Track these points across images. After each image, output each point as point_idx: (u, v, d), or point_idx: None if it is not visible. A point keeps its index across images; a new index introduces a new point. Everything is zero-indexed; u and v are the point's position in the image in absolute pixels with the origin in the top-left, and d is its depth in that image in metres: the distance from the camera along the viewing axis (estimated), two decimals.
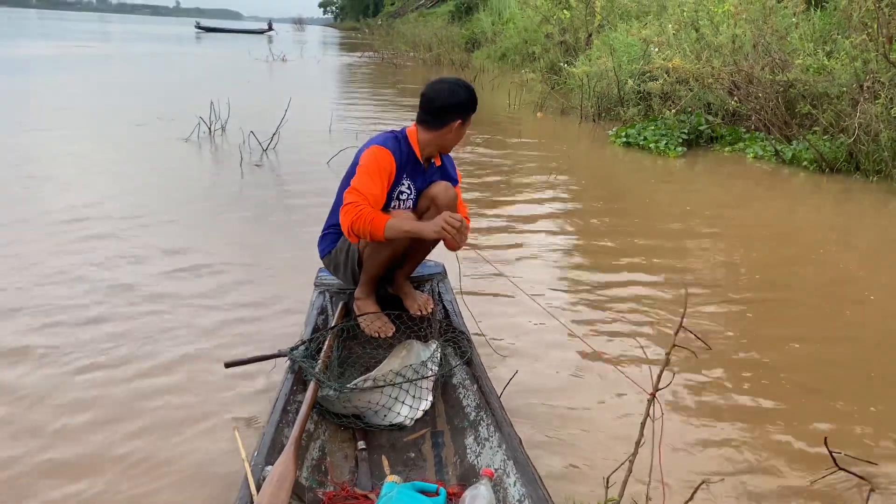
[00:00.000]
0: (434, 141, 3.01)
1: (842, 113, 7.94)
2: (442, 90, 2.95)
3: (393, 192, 2.97)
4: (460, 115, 2.96)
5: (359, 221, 2.66)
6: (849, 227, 6.39)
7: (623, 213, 6.40)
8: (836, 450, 2.58)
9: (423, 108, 2.99)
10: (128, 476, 2.50)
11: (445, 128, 2.97)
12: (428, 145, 3.02)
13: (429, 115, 2.97)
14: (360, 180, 2.78)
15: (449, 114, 2.95)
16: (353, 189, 2.74)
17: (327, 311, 3.23)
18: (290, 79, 19.11)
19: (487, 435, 2.41)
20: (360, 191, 2.73)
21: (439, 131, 2.98)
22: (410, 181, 3.02)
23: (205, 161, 7.95)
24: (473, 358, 2.81)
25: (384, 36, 41.42)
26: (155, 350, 3.43)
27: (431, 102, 2.96)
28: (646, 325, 3.92)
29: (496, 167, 8.03)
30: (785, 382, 3.36)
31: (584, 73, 12.12)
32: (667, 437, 2.84)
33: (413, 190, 3.04)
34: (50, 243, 4.81)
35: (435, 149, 3.05)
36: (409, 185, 3.02)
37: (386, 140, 2.95)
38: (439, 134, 2.98)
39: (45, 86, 13.87)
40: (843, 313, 4.32)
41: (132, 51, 27.24)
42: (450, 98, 2.94)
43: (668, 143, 9.20)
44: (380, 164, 2.85)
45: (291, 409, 2.45)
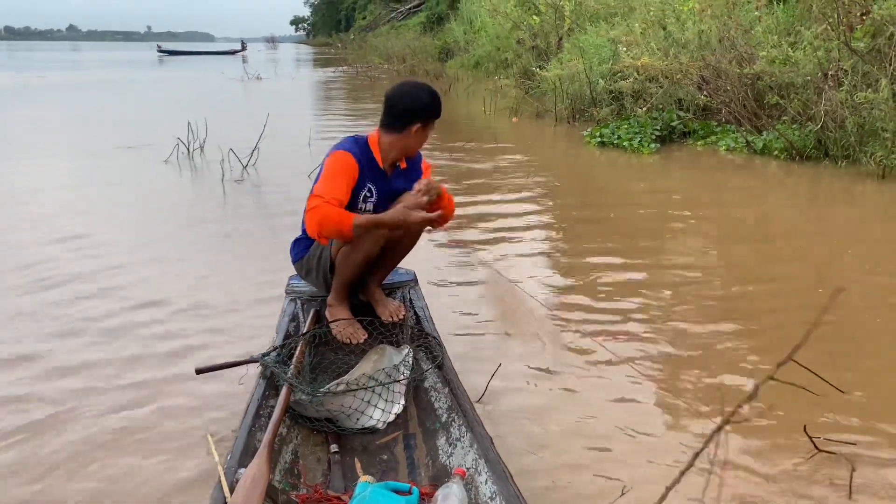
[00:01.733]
0: (396, 144, 3.04)
1: (808, 102, 8.06)
2: (404, 94, 2.99)
3: (358, 195, 2.99)
4: (421, 119, 2.99)
5: (325, 221, 2.65)
6: (821, 212, 6.50)
7: (601, 211, 6.45)
8: (816, 434, 2.64)
9: (386, 111, 3.02)
10: (100, 480, 2.52)
11: (406, 131, 2.99)
12: (390, 148, 3.05)
13: (391, 119, 3.01)
14: (323, 184, 2.79)
15: (410, 117, 2.98)
16: (316, 194, 2.74)
17: (299, 318, 3.24)
18: (265, 97, 19.12)
19: (459, 435, 2.43)
20: (322, 195, 2.73)
21: (400, 134, 3.01)
22: (372, 184, 3.04)
23: (185, 180, 8.00)
24: (445, 362, 2.83)
25: (357, 50, 41.49)
26: (127, 357, 3.46)
27: (394, 106, 2.99)
28: (626, 321, 3.94)
29: (474, 173, 8.09)
30: (763, 371, 3.39)
31: (556, 76, 12.21)
32: (643, 425, 2.90)
33: (375, 194, 3.06)
34: (31, 259, 4.88)
35: (398, 152, 3.08)
36: (371, 189, 3.04)
37: (346, 145, 2.98)
38: (400, 137, 3.01)
39: (18, 116, 13.80)
40: (822, 298, 4.38)
41: (104, 77, 27.03)
42: (411, 103, 2.97)
43: (642, 141, 9.29)
44: (341, 166, 2.88)
45: (264, 414, 2.46)
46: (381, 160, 3.05)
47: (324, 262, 3.12)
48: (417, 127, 2.99)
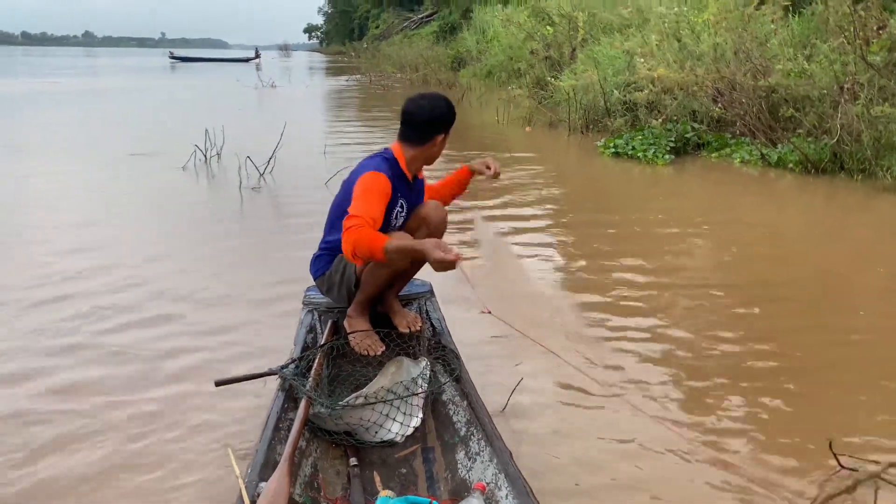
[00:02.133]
0: (420, 156, 3.07)
1: (824, 115, 8.04)
2: (423, 106, 3.01)
3: (391, 212, 3.01)
4: (443, 129, 3.04)
5: (359, 244, 2.64)
6: (836, 226, 6.47)
7: (617, 222, 6.47)
8: (841, 452, 2.63)
9: (407, 124, 3.04)
10: (121, 494, 2.53)
11: (430, 142, 3.03)
12: (414, 161, 3.07)
13: (413, 132, 3.02)
14: (360, 205, 2.79)
15: (433, 129, 3.01)
16: (353, 214, 2.74)
17: (316, 330, 3.25)
18: (280, 105, 19.21)
19: (478, 449, 2.42)
20: (360, 215, 2.72)
21: (425, 146, 3.03)
22: (403, 199, 3.07)
23: (202, 187, 8.04)
24: (462, 374, 2.83)
25: (370, 58, 41.66)
26: (146, 370, 3.48)
27: (414, 118, 3.01)
28: (642, 336, 3.93)
29: (487, 182, 8.05)
30: (782, 385, 3.38)
31: (570, 86, 12.22)
32: (657, 435, 2.90)
33: (405, 207, 3.09)
34: (48, 269, 4.90)
35: (421, 163, 3.11)
36: (403, 204, 3.07)
37: (379, 165, 2.97)
38: (425, 149, 3.04)
39: (35, 123, 13.90)
40: (836, 313, 4.37)
41: (118, 84, 27.26)
42: (431, 113, 3.00)
43: (657, 152, 9.29)
44: (378, 188, 2.88)
45: (283, 427, 2.47)
46: (409, 174, 3.09)
47: (348, 278, 3.13)
48: (441, 137, 3.04)
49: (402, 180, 3.04)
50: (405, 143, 3.06)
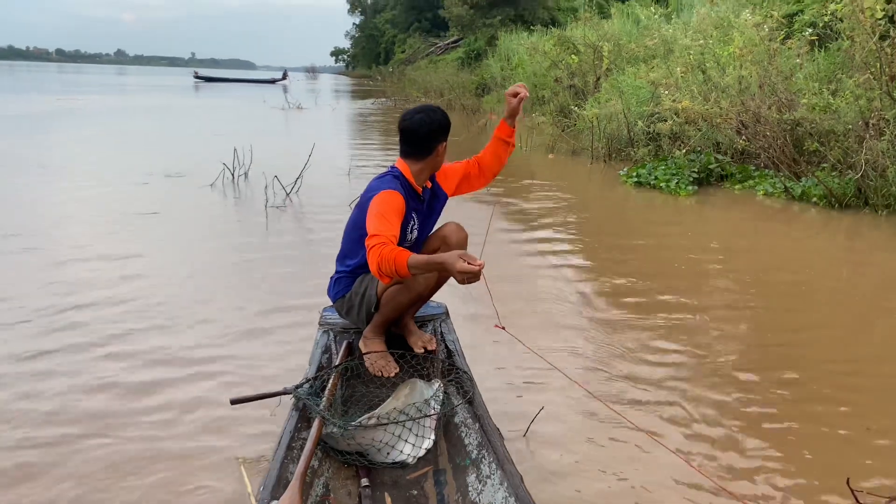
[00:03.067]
0: (426, 168, 3.14)
1: (849, 150, 8.00)
2: (420, 121, 3.08)
3: (406, 228, 3.07)
4: (443, 136, 3.13)
5: (384, 262, 2.67)
6: (860, 261, 6.41)
7: (638, 252, 6.48)
8: (859, 488, 2.61)
9: (407, 142, 3.11)
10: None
11: (434, 153, 3.11)
12: (421, 173, 3.14)
13: (415, 147, 3.10)
14: (378, 224, 2.82)
15: (433, 139, 3.09)
16: (374, 234, 2.77)
17: (331, 350, 3.28)
18: (307, 126, 19.44)
19: (489, 472, 2.43)
20: (380, 233, 2.76)
21: (429, 158, 3.11)
22: (415, 214, 3.14)
23: (229, 205, 8.18)
24: (475, 397, 2.85)
25: (396, 83, 42.02)
26: (162, 385, 3.53)
27: (415, 134, 3.08)
28: (660, 364, 3.93)
29: (510, 207, 8.14)
30: (802, 422, 3.36)
31: (594, 115, 12.27)
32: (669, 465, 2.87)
33: (417, 221, 3.16)
34: (80, 285, 4.99)
35: (428, 174, 3.19)
36: (415, 218, 3.14)
37: (391, 183, 3.04)
38: (430, 160, 3.12)
39: (65, 140, 14.15)
40: (858, 347, 4.33)
41: (152, 103, 27.69)
42: (430, 125, 3.08)
43: (679, 182, 9.28)
44: (393, 206, 2.93)
45: (296, 446, 2.49)
46: (418, 188, 3.14)
47: (368, 300, 3.16)
48: (443, 145, 3.13)
49: (412, 196, 3.11)
50: (409, 159, 3.12)
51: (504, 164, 3.47)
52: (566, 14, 29.40)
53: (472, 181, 3.43)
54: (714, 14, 12.01)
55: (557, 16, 32.17)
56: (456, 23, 39.19)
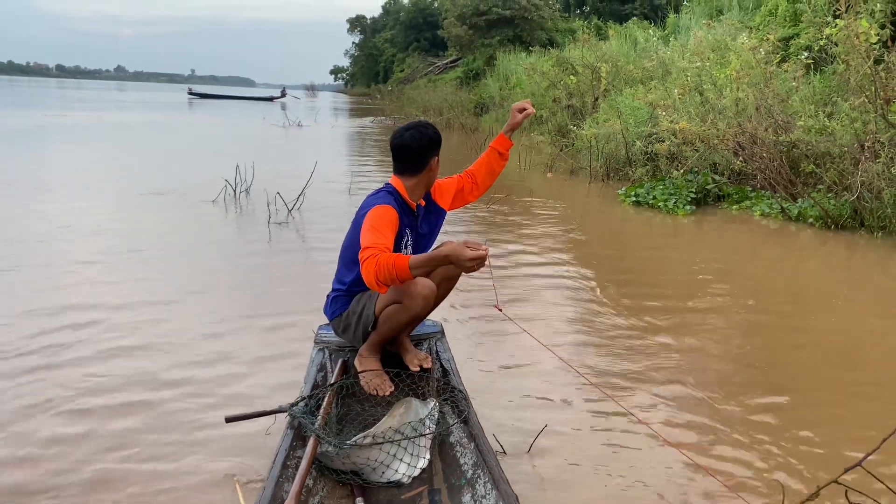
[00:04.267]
0: (420, 183, 3.16)
1: (844, 171, 8.05)
2: (412, 137, 3.11)
3: (400, 243, 3.08)
4: (435, 151, 3.15)
5: (382, 269, 2.65)
6: (855, 281, 6.44)
7: (636, 271, 6.51)
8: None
9: (400, 159, 3.14)
10: None
11: (427, 168, 3.13)
12: (415, 189, 3.17)
13: (408, 164, 3.13)
14: (372, 237, 2.82)
15: (426, 155, 3.12)
16: (367, 246, 2.77)
17: (326, 368, 3.28)
18: (307, 143, 19.51)
19: (485, 492, 2.42)
20: (374, 246, 2.76)
21: (422, 173, 3.14)
22: (409, 229, 3.15)
23: (231, 221, 8.23)
24: (470, 416, 2.84)
25: (395, 101, 42.18)
26: (159, 401, 3.52)
27: (407, 150, 3.11)
28: (659, 390, 3.92)
29: (509, 225, 8.18)
30: (796, 442, 3.37)
31: (592, 134, 12.34)
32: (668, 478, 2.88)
33: (410, 237, 3.17)
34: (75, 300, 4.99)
35: (423, 189, 3.21)
36: (408, 234, 3.15)
37: (385, 198, 3.06)
38: (423, 175, 3.15)
39: (65, 157, 14.19)
40: (852, 367, 4.35)
41: (151, 119, 27.78)
42: (421, 141, 3.11)
43: (677, 202, 9.33)
44: (387, 219, 2.95)
45: (291, 465, 2.48)
46: (412, 203, 3.17)
47: (365, 319, 3.15)
48: (434, 160, 3.15)
49: (406, 212, 3.13)
50: (403, 176, 3.15)
51: (497, 176, 3.51)
52: (564, 35, 29.68)
53: (465, 195, 3.48)
54: (711, 37, 12.12)
55: (556, 37, 32.45)
56: (454, 43, 39.45)
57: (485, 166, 3.49)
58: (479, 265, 2.66)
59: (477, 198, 3.54)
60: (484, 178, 3.50)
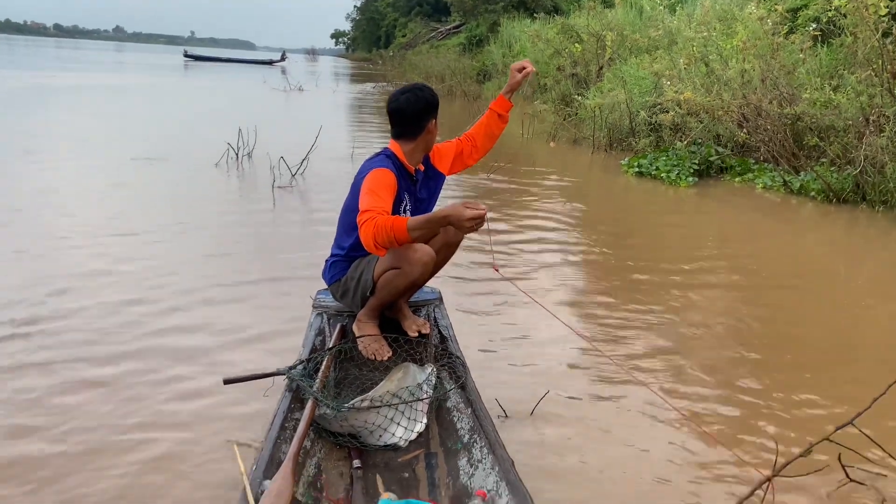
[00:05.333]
0: (418, 148, 3.13)
1: (848, 145, 8.01)
2: (408, 100, 3.07)
3: (398, 208, 3.06)
4: (432, 114, 3.11)
5: (380, 232, 2.64)
6: (855, 256, 6.45)
7: (637, 241, 6.52)
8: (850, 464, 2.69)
9: (397, 122, 3.11)
10: (125, 486, 2.57)
11: (424, 131, 3.10)
12: (414, 153, 3.14)
13: (405, 127, 3.09)
14: (371, 200, 2.80)
15: (423, 118, 3.08)
16: (365, 209, 2.75)
17: (325, 333, 3.28)
18: (308, 108, 19.35)
19: (481, 457, 2.44)
20: (372, 209, 2.74)
21: (420, 137, 3.10)
22: (407, 194, 3.12)
23: (234, 185, 8.22)
24: (468, 382, 2.86)
25: (396, 67, 41.80)
26: (157, 364, 3.53)
27: (404, 114, 3.07)
28: (659, 357, 3.94)
29: (510, 194, 8.15)
30: (792, 406, 3.41)
31: (596, 104, 12.24)
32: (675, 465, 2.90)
33: (409, 202, 3.14)
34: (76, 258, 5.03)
35: (421, 153, 3.17)
36: (406, 199, 3.12)
37: (383, 162, 3.04)
38: (421, 139, 3.11)
39: (65, 116, 14.09)
40: (850, 342, 4.37)
41: (150, 82, 27.53)
42: (417, 104, 3.07)
43: (680, 174, 9.29)
44: (385, 182, 2.92)
45: (289, 427, 2.50)
46: (411, 168, 3.14)
47: (364, 284, 3.14)
48: (432, 123, 3.11)
49: (404, 176, 3.10)
50: (401, 140, 3.12)
51: (496, 139, 3.48)
52: (569, 2, 29.26)
53: (465, 158, 3.45)
54: (718, 6, 11.98)
55: (561, 3, 32.00)
56: (458, 8, 38.96)
57: (484, 128, 3.45)
58: (479, 225, 2.65)
59: (476, 161, 3.51)
60: (483, 140, 3.46)
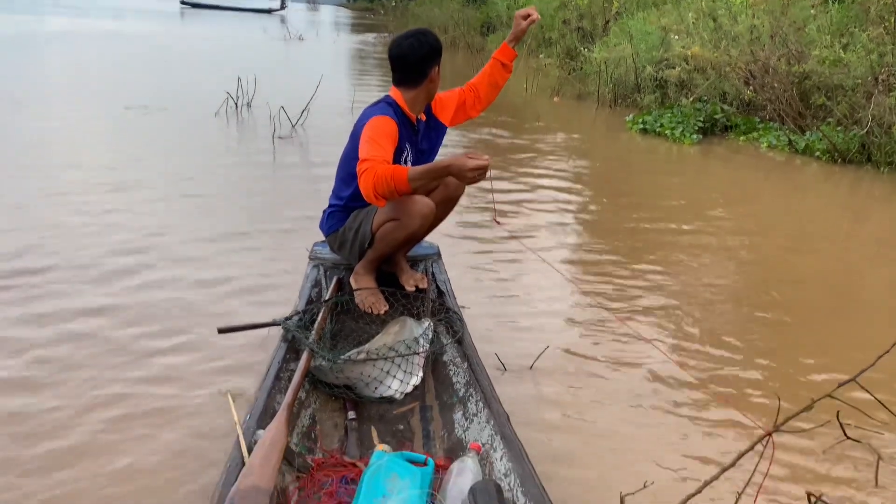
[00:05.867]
0: (420, 96, 3.03)
1: (856, 105, 7.90)
2: (411, 46, 2.96)
3: (399, 157, 2.98)
4: (435, 60, 3.00)
5: (380, 181, 2.59)
6: (858, 216, 6.43)
7: (639, 198, 6.49)
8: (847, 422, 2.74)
9: (399, 69, 3.01)
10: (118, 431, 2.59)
11: (427, 79, 2.99)
12: (416, 101, 3.04)
13: (406, 74, 2.99)
14: (371, 148, 2.74)
15: (425, 64, 2.97)
16: (365, 158, 2.70)
17: (321, 285, 3.24)
18: (308, 57, 19.07)
19: (476, 411, 2.44)
20: (372, 158, 2.68)
21: (422, 85, 3.00)
22: (408, 143, 3.04)
23: (234, 135, 8.14)
24: (465, 337, 2.83)
25: (398, 18, 41.02)
26: (151, 313, 3.52)
27: (405, 60, 2.97)
28: (660, 313, 3.95)
29: (513, 150, 8.08)
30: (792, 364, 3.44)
31: (602, 59, 12.06)
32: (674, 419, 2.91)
33: (410, 152, 3.06)
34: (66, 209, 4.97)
35: (423, 102, 3.08)
36: (408, 149, 3.04)
37: (384, 109, 2.95)
38: (423, 87, 3.01)
39: (57, 63, 13.84)
40: (851, 302, 4.38)
41: (147, 28, 27.07)
42: (420, 49, 2.96)
43: (685, 131, 9.19)
44: (384, 130, 2.84)
45: (284, 377, 2.48)
46: (412, 116, 3.05)
47: (362, 236, 3.07)
48: (435, 70, 3.01)
49: (406, 125, 3.01)
50: (403, 87, 3.02)
51: (500, 89, 3.38)
52: None
53: (468, 109, 3.34)
54: None
55: None
56: None
57: (487, 78, 3.34)
58: (481, 176, 2.60)
59: (479, 112, 3.41)
60: (487, 91, 3.35)
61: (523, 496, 1.93)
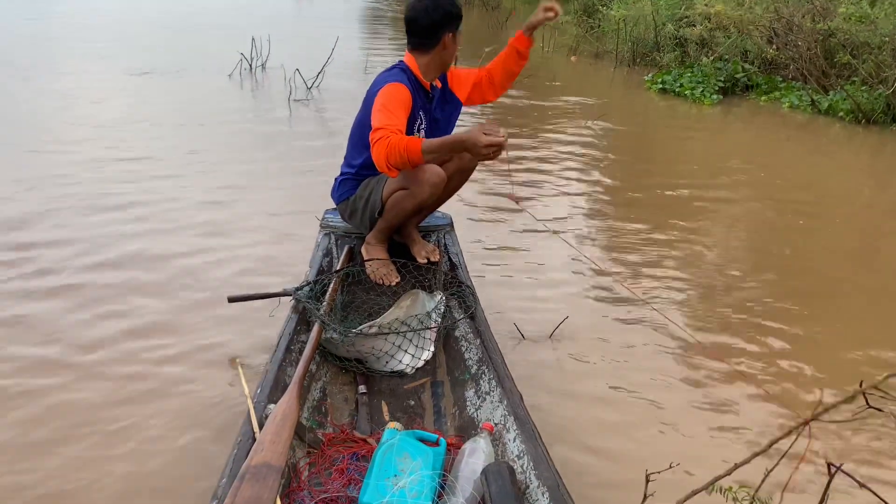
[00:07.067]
0: (433, 62, 2.95)
1: (882, 63, 7.68)
2: (425, 9, 2.87)
3: (413, 126, 2.92)
4: (450, 27, 2.90)
5: (393, 152, 2.55)
6: (880, 180, 6.30)
7: (658, 162, 6.41)
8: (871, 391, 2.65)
9: (413, 32, 2.93)
10: (132, 404, 2.60)
11: (439, 45, 2.90)
12: (429, 68, 2.96)
13: (420, 38, 2.91)
14: (384, 117, 2.68)
15: (438, 29, 2.88)
16: (378, 126, 2.64)
17: (332, 254, 3.20)
18: (320, 18, 18.79)
19: (489, 389, 2.41)
20: (385, 126, 2.62)
21: (434, 50, 2.92)
22: (422, 112, 2.97)
23: (248, 97, 8.08)
24: (477, 312, 2.78)
25: None
26: (161, 281, 3.53)
27: (417, 23, 2.89)
28: (674, 285, 3.90)
29: (530, 110, 7.96)
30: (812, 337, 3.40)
31: (621, 16, 11.79)
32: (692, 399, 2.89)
33: (424, 120, 2.99)
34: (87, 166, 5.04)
35: (437, 70, 2.99)
36: (422, 117, 2.97)
37: (397, 76, 2.88)
38: (436, 53, 2.92)
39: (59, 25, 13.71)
40: (870, 266, 4.35)
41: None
42: (434, 13, 2.86)
43: (704, 91, 8.99)
44: (399, 98, 2.78)
45: (294, 349, 2.47)
46: (426, 83, 2.98)
47: (373, 205, 3.02)
48: (449, 36, 2.91)
49: (419, 92, 2.94)
50: (415, 52, 2.95)
51: (516, 77, 3.27)
52: None
53: (483, 92, 3.24)
54: None
55: None
56: None
57: (502, 65, 3.20)
58: (496, 153, 2.53)
59: (495, 97, 3.27)
60: (502, 78, 3.22)
61: (536, 479, 1.91)
